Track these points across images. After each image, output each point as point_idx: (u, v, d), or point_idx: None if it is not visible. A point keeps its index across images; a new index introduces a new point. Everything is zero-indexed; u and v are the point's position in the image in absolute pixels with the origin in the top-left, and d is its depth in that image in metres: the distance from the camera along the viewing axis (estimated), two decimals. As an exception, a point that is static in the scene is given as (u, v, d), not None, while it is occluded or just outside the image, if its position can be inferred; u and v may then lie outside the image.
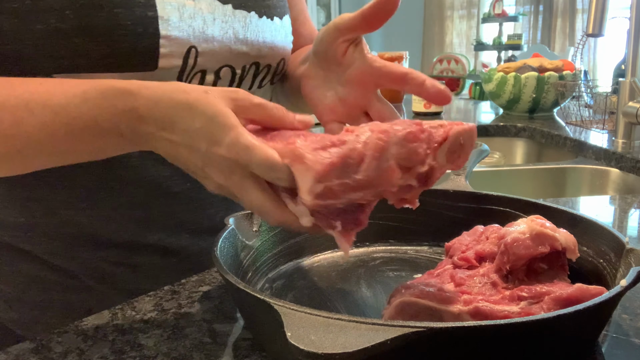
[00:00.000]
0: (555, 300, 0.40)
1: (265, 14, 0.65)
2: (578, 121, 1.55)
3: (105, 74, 0.52)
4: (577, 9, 4.22)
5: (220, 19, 0.59)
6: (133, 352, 0.43)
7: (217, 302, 0.51)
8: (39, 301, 0.63)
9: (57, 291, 0.63)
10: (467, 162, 0.70)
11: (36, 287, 0.63)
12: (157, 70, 0.54)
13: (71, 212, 0.60)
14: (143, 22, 0.52)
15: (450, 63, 2.54)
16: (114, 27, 0.51)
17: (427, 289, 0.42)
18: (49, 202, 0.60)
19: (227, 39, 0.60)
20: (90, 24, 0.51)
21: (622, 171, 1.17)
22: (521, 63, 1.76)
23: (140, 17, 0.52)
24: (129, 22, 0.52)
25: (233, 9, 0.61)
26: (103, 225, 0.61)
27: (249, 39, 0.63)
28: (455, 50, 4.86)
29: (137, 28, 0.52)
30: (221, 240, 0.49)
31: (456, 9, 5.01)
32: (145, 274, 0.64)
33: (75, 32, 0.51)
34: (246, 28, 0.62)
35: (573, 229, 0.48)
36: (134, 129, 0.44)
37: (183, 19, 0.55)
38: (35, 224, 0.61)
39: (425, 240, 0.61)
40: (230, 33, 0.60)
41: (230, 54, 0.61)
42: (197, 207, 0.66)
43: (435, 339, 0.34)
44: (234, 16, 0.61)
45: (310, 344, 0.32)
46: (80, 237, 0.61)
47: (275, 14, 0.67)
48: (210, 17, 0.58)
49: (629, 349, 0.43)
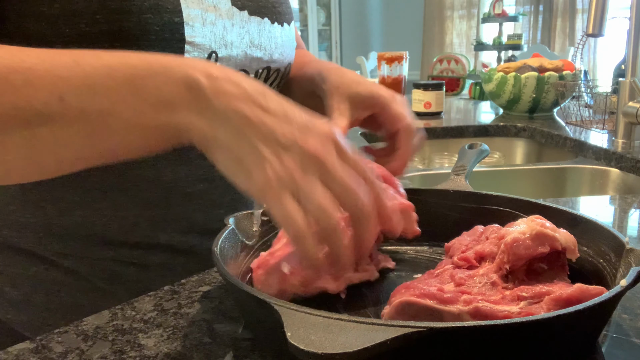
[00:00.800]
0: (555, 300, 0.40)
1: (276, 20, 0.67)
2: (578, 121, 1.55)
3: None
4: (577, 9, 4.22)
5: (238, 24, 0.61)
6: (133, 352, 0.43)
7: (217, 302, 0.51)
8: (47, 303, 0.63)
9: (66, 293, 0.63)
10: (467, 162, 0.70)
11: (44, 290, 0.63)
12: None
13: (86, 212, 0.60)
14: (170, 28, 0.53)
15: (450, 63, 2.53)
16: (143, 32, 0.52)
17: (427, 289, 0.42)
18: (63, 203, 0.60)
19: (243, 44, 0.62)
20: (120, 29, 0.51)
21: (622, 171, 1.17)
22: (521, 63, 1.76)
23: (168, 23, 0.53)
24: (157, 27, 0.52)
25: (249, 15, 0.62)
26: (116, 226, 0.61)
27: (263, 44, 0.64)
28: (455, 50, 4.86)
29: (164, 33, 0.53)
30: (221, 240, 0.49)
31: (456, 9, 5.01)
32: (155, 274, 0.64)
33: (105, 36, 0.51)
34: (260, 34, 0.64)
35: (573, 229, 0.48)
36: (213, 85, 0.39)
37: (206, 25, 0.56)
38: (48, 224, 0.61)
39: (425, 240, 0.61)
40: (246, 38, 0.62)
41: (245, 58, 0.62)
42: (208, 208, 0.66)
43: (435, 339, 0.34)
44: (250, 22, 0.63)
45: (310, 344, 0.32)
46: (92, 237, 0.61)
47: (284, 20, 0.69)
48: (229, 23, 0.59)
49: (629, 349, 0.43)
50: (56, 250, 0.62)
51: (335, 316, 0.34)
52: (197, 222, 0.66)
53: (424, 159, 1.61)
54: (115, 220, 0.61)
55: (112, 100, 0.39)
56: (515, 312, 0.40)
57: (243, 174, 0.39)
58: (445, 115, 1.88)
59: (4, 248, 0.63)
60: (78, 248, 0.62)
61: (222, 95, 0.39)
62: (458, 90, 2.50)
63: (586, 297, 0.39)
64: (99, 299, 0.62)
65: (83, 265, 0.62)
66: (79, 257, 0.62)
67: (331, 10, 5.41)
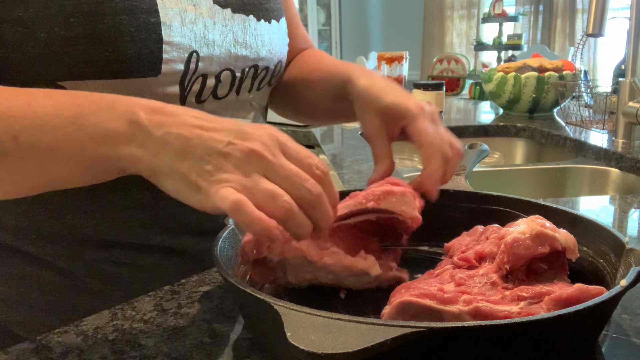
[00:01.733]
0: (555, 300, 0.40)
1: (263, 17, 0.65)
2: (578, 121, 1.55)
3: (110, 80, 0.53)
4: (577, 9, 4.22)
5: (220, 23, 0.60)
6: (133, 352, 0.43)
7: (217, 302, 0.51)
8: (42, 303, 0.63)
9: (61, 293, 0.63)
10: (467, 162, 0.70)
11: (39, 289, 0.63)
12: (160, 75, 0.55)
13: (77, 215, 0.60)
14: (146, 28, 0.53)
15: (450, 63, 2.53)
16: (118, 33, 0.52)
17: (427, 289, 0.42)
18: (55, 205, 0.60)
19: (227, 42, 0.61)
20: (94, 32, 0.51)
21: (622, 171, 1.17)
22: (521, 63, 1.76)
23: (144, 23, 0.53)
24: (133, 28, 0.52)
25: (232, 13, 0.61)
26: (108, 228, 0.61)
27: (248, 42, 0.63)
28: (455, 50, 4.86)
29: (140, 34, 0.52)
30: (221, 240, 0.49)
31: (456, 9, 5.01)
32: (149, 275, 0.64)
33: (80, 39, 0.51)
34: (245, 31, 0.63)
35: (573, 229, 0.48)
36: (151, 118, 0.42)
37: (185, 24, 0.55)
38: (40, 227, 0.61)
39: (425, 240, 0.61)
40: (230, 37, 0.61)
41: (230, 57, 0.61)
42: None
43: (435, 339, 0.34)
44: (233, 20, 0.61)
45: (310, 344, 0.32)
46: (85, 239, 0.61)
47: (272, 17, 0.67)
48: (210, 22, 0.58)
49: (629, 349, 0.43)
50: (50, 252, 0.62)
51: (335, 316, 0.34)
52: (189, 223, 0.65)
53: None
54: (105, 223, 0.61)
55: (58, 137, 0.43)
56: (515, 312, 0.40)
57: (192, 191, 0.41)
58: (445, 115, 1.88)
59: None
60: (71, 250, 0.62)
61: (160, 124, 0.42)
62: (458, 90, 2.50)
63: (586, 297, 0.39)
64: (95, 300, 0.62)
65: (77, 267, 0.62)
66: (73, 258, 0.62)
67: (331, 10, 5.41)
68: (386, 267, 0.53)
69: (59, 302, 0.63)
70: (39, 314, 0.63)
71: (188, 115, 0.43)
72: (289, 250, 0.48)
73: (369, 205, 0.52)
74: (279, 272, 0.50)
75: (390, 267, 0.53)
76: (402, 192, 0.53)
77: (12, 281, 0.64)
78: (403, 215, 0.52)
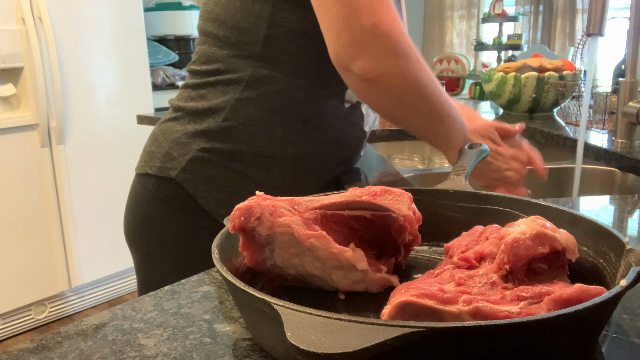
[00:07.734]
0: (555, 300, 0.40)
1: None
2: (578, 121, 1.55)
3: None
4: (577, 9, 4.22)
5: None
6: (133, 352, 0.43)
7: (217, 302, 0.51)
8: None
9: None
10: (467, 162, 0.70)
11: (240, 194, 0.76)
12: None
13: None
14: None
15: (450, 63, 2.53)
16: None
17: (427, 289, 0.42)
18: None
19: None
20: None
21: (622, 171, 1.17)
22: (521, 63, 1.76)
23: None
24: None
25: None
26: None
27: None
28: (455, 50, 4.86)
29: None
30: (221, 240, 0.49)
31: (456, 9, 5.01)
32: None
33: None
34: None
35: (573, 229, 0.48)
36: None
37: None
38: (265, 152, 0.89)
39: (425, 240, 0.61)
40: None
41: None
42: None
43: (435, 339, 0.34)
44: None
45: (310, 344, 0.32)
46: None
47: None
48: None
49: (629, 349, 0.43)
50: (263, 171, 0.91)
51: (335, 316, 0.34)
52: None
53: (423, 159, 1.61)
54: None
55: (444, 123, 0.85)
56: (515, 312, 0.40)
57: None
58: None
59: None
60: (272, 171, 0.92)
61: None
62: (458, 91, 2.50)
63: (586, 297, 0.39)
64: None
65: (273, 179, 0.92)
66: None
67: (331, 10, 5.41)
68: (375, 268, 0.52)
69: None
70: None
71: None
72: (277, 225, 0.49)
73: (364, 198, 0.53)
74: (267, 251, 0.50)
75: (380, 269, 0.52)
76: (400, 192, 0.54)
77: (226, 189, 0.90)
78: (397, 213, 0.53)
